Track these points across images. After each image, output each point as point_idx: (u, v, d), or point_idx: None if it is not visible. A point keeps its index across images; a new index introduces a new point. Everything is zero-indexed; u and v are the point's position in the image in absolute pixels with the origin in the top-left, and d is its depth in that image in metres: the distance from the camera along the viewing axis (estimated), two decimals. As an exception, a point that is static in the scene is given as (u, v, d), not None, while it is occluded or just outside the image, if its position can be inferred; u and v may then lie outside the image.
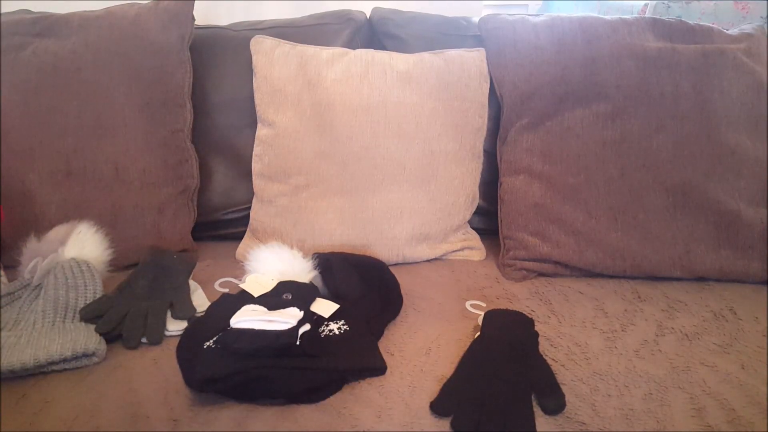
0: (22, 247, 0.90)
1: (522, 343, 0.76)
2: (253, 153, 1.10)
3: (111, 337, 0.78)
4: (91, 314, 0.80)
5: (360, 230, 1.04)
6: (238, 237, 1.14)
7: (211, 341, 0.70)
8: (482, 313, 0.82)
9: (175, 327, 0.81)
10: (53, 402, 0.67)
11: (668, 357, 0.76)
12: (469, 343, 0.77)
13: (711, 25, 1.08)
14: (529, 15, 1.12)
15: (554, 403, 0.66)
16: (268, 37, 1.10)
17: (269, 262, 0.87)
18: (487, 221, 1.18)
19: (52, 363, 0.72)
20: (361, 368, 0.72)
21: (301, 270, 0.87)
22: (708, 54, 1.00)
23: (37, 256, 0.87)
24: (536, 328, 0.81)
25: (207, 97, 1.16)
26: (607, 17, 1.07)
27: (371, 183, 1.04)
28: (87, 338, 0.75)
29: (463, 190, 1.08)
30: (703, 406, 0.67)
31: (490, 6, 1.94)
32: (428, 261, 1.08)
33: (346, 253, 0.96)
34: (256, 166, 1.09)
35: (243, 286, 0.83)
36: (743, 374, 0.73)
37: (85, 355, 0.73)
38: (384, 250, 1.04)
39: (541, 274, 1.02)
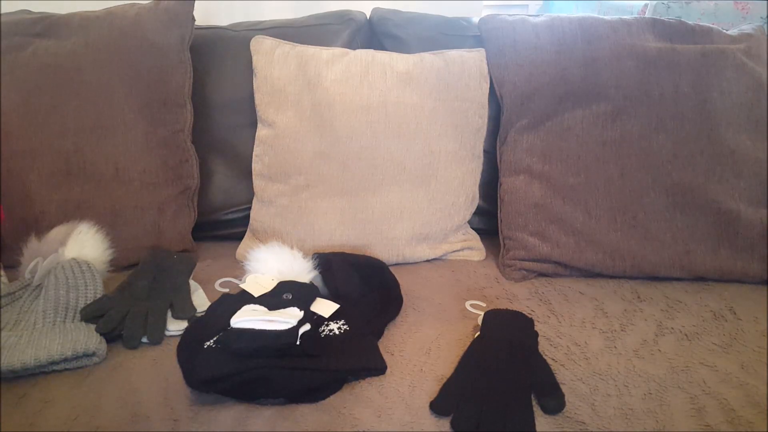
0: (22, 247, 0.90)
1: (522, 343, 0.76)
2: (253, 153, 1.10)
3: (111, 337, 0.78)
4: (91, 314, 0.80)
5: (360, 230, 1.04)
6: (238, 237, 1.14)
7: (212, 341, 0.70)
8: (482, 313, 0.82)
9: (176, 327, 0.81)
10: (53, 402, 0.67)
11: (668, 357, 0.77)
12: (469, 343, 0.77)
13: (711, 25, 1.08)
14: (529, 15, 1.12)
15: (554, 402, 0.66)
16: (268, 37, 1.10)
17: (269, 262, 0.87)
18: (487, 221, 1.18)
19: (53, 363, 0.72)
20: (361, 368, 0.72)
21: (301, 270, 0.87)
22: (708, 54, 1.00)
23: (37, 256, 0.87)
24: (536, 328, 0.81)
25: (207, 97, 1.16)
26: (607, 17, 1.07)
27: (371, 183, 1.04)
28: (87, 338, 0.75)
29: (463, 190, 1.08)
30: (703, 406, 0.67)
31: (490, 6, 1.94)
32: (428, 261, 1.08)
33: (346, 253, 0.96)
34: (256, 166, 1.09)
35: (243, 286, 0.83)
36: (743, 374, 0.73)
37: (86, 355, 0.74)
38: (384, 250, 1.04)
39: (541, 274, 1.02)
